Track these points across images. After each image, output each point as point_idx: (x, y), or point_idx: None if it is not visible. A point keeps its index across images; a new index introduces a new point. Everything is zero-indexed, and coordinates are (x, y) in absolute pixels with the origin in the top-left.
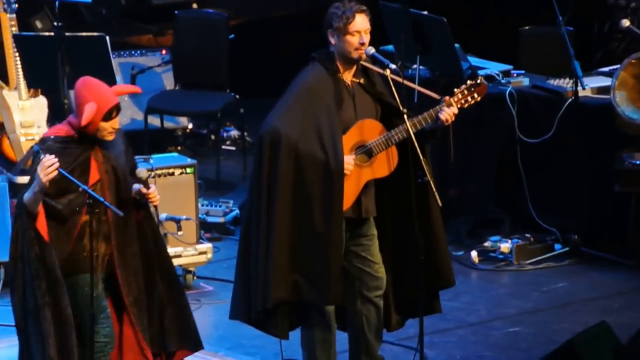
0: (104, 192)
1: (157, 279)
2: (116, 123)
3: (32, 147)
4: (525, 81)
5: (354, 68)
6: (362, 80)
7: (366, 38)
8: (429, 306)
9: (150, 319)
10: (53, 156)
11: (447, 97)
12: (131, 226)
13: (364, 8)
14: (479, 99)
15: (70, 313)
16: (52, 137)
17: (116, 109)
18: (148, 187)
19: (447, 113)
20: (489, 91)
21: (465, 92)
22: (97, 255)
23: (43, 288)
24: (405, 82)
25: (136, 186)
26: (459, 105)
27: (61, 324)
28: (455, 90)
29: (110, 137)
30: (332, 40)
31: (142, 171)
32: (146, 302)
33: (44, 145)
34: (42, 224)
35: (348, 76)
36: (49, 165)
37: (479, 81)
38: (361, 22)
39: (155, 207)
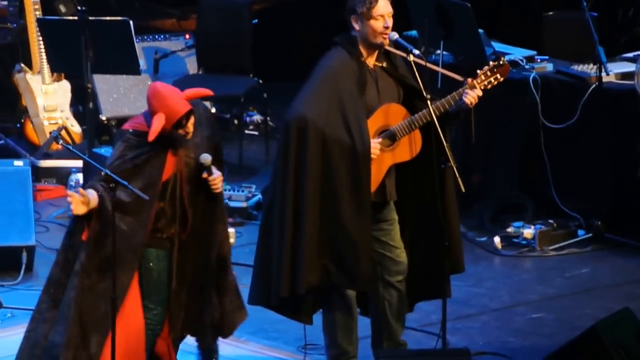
0: (181, 185)
1: (203, 264)
2: (190, 127)
3: (50, 132)
4: (549, 67)
5: (377, 52)
6: (384, 64)
7: (390, 22)
8: (439, 290)
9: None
10: (79, 192)
11: (470, 79)
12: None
13: None
14: (502, 79)
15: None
16: (131, 130)
17: (186, 117)
18: (211, 173)
19: (471, 95)
20: (513, 76)
21: (488, 73)
22: (166, 237)
23: (52, 278)
24: (429, 65)
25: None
26: (482, 87)
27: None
28: (478, 71)
29: (187, 137)
30: (356, 26)
31: (205, 157)
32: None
33: (122, 137)
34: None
35: (371, 60)
36: (71, 204)
37: (501, 62)
38: (384, 6)
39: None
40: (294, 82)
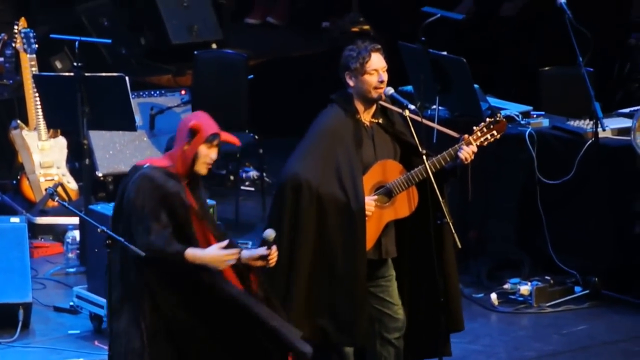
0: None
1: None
2: (214, 154)
3: (46, 189)
4: (545, 122)
5: (373, 108)
6: (380, 120)
7: (384, 76)
8: (439, 349)
9: None
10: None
11: (466, 136)
12: None
13: (378, 46)
14: (498, 136)
15: None
16: (146, 165)
17: (218, 138)
18: (270, 248)
19: (467, 152)
20: (509, 132)
21: (485, 129)
22: None
23: None
24: (424, 121)
25: (259, 250)
26: (478, 144)
27: None
28: (474, 128)
29: (205, 171)
30: (351, 82)
31: (269, 232)
32: None
33: (138, 172)
34: None
35: (367, 116)
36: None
37: (497, 118)
38: (377, 61)
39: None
40: (290, 138)
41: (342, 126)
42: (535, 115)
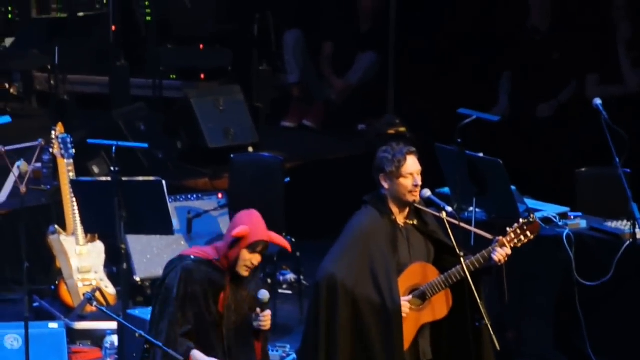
0: (220, 327)
1: None
2: (257, 260)
3: (84, 294)
4: (583, 223)
5: (407, 209)
6: (415, 222)
7: (419, 179)
8: None
9: None
10: None
11: (500, 237)
12: None
13: (413, 149)
14: (532, 237)
15: None
16: (192, 257)
17: (263, 245)
18: (264, 310)
19: (500, 254)
20: (547, 233)
21: (518, 231)
22: None
23: None
24: (462, 224)
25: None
26: (512, 245)
27: None
28: (508, 229)
29: (245, 273)
30: (385, 185)
31: (264, 293)
32: None
33: (183, 263)
34: None
35: (401, 218)
36: None
37: (531, 219)
38: (413, 164)
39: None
40: (327, 241)
41: (378, 227)
42: (572, 217)
